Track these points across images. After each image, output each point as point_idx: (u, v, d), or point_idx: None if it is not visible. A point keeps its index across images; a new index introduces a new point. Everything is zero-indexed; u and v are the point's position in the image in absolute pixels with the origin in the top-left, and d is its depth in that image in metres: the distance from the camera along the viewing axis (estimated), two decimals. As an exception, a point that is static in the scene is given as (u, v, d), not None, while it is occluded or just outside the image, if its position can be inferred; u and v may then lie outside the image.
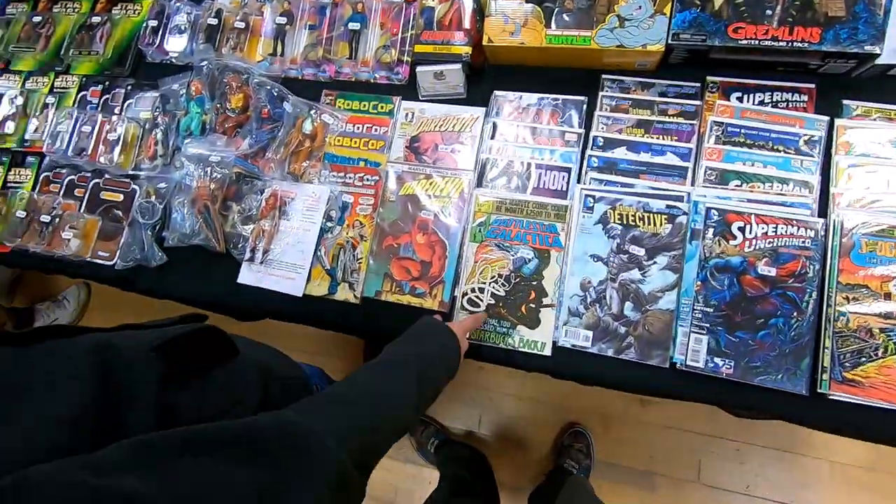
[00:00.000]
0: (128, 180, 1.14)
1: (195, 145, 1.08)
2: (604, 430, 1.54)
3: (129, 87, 1.21)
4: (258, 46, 1.14)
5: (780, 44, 0.85)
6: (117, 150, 1.14)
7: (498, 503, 1.31)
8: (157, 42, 1.19)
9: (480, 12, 1.01)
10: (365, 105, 1.08)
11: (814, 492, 1.42)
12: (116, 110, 1.20)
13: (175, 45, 1.18)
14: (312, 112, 1.07)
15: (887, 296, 0.79)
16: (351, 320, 0.99)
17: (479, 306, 0.93)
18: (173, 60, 1.20)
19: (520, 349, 0.90)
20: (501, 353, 0.92)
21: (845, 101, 0.90)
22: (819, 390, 0.79)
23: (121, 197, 1.14)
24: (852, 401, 0.78)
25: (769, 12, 0.87)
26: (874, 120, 0.89)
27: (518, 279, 0.93)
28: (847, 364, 0.79)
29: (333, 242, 1.02)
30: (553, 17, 0.95)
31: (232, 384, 0.63)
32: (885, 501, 1.38)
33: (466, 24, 1.01)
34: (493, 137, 1.01)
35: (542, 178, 0.97)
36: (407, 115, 1.06)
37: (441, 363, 0.75)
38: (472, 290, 0.94)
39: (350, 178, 1.04)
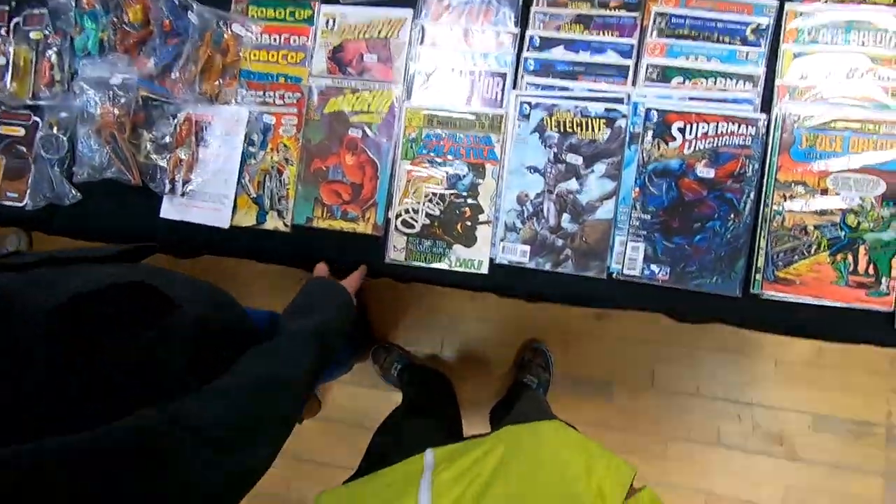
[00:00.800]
0: (27, 112, 1.03)
1: (93, 67, 0.97)
2: (562, 345, 1.58)
3: (14, 3, 1.06)
4: (153, -53, 1.00)
5: (727, -85, 0.76)
6: (8, 77, 1.01)
7: (459, 421, 1.35)
8: (36, -53, 1.03)
9: None
10: (280, 13, 0.97)
11: (760, 388, 1.50)
12: (3, 31, 1.06)
13: (57, -51, 1.03)
14: (221, 23, 0.96)
15: (824, 191, 0.77)
16: (284, 250, 0.95)
17: (413, 227, 0.89)
18: (58, -31, 1.05)
19: (456, 269, 0.88)
20: (437, 273, 0.89)
21: (797, -17, 0.83)
22: (752, 291, 0.79)
23: (21, 131, 1.03)
24: (784, 299, 0.78)
25: None
26: (825, 2, 0.82)
27: (453, 196, 0.88)
28: (780, 263, 0.78)
29: (257, 168, 0.95)
30: None
31: (163, 343, 0.58)
32: (823, 393, 1.47)
33: None
34: (421, 43, 0.92)
35: (475, 85, 0.89)
36: (327, 21, 0.95)
37: (340, 326, 0.74)
38: (406, 211, 0.90)
39: (270, 96, 0.95)
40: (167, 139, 0.96)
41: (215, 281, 0.89)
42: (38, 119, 1.02)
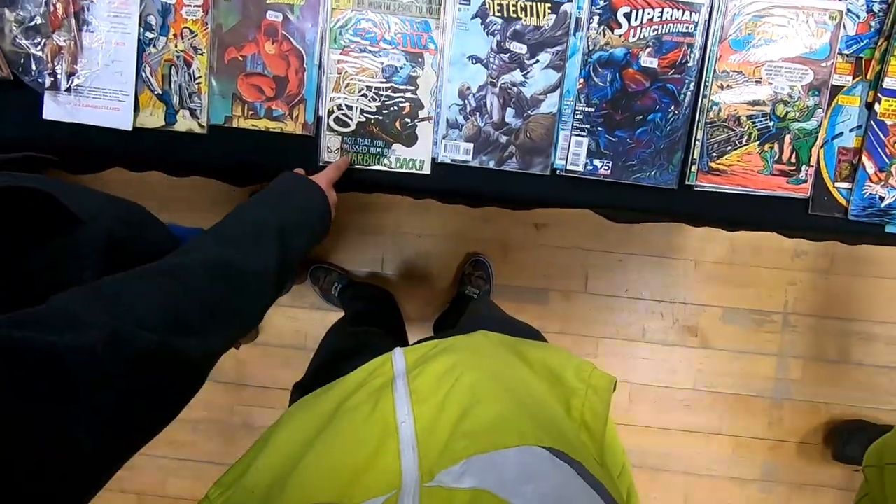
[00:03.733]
0: None
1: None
2: (502, 256, 1.60)
3: None
4: None
5: None
6: None
7: (403, 334, 1.35)
8: None
9: None
10: None
11: (682, 287, 1.62)
12: None
13: None
14: None
15: (758, 81, 0.78)
16: (201, 156, 0.85)
17: (348, 126, 0.82)
18: None
19: (396, 169, 0.83)
20: (376, 175, 0.84)
21: None
22: (687, 182, 0.81)
23: None
24: (715, 189, 0.81)
25: None
26: None
27: (389, 89, 0.81)
28: (714, 154, 0.80)
29: (160, 59, 0.82)
30: None
31: (62, 264, 0.49)
32: (737, 290, 1.62)
33: None
34: None
35: (409, -38, 0.80)
36: None
37: (306, 222, 0.66)
38: (339, 108, 0.82)
39: (165, -32, 0.80)
40: (38, 20, 0.79)
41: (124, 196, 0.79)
42: None
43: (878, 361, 1.62)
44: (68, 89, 0.81)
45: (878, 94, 0.79)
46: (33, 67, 0.81)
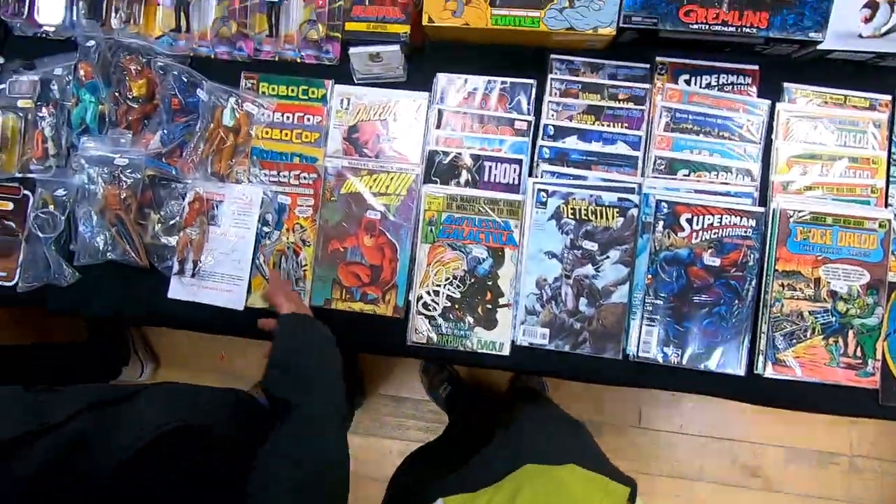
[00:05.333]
0: (17, 185, 0.98)
1: (95, 144, 0.93)
2: (555, 386, 1.62)
3: (-2, 69, 1.00)
4: (156, 18, 0.97)
5: (730, 28, 0.82)
6: (-5, 148, 0.96)
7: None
8: (26, 12, 0.98)
9: (416, -20, 0.90)
10: (293, 90, 0.96)
11: (739, 424, 1.60)
12: (-14, 98, 1.00)
13: (49, 15, 0.98)
14: (233, 100, 0.94)
15: (817, 281, 0.85)
16: (300, 331, 0.94)
17: (434, 310, 0.91)
18: (49, 35, 1.00)
19: (478, 351, 0.90)
20: (460, 355, 0.91)
21: (786, 84, 0.91)
22: (755, 371, 0.85)
23: (10, 205, 0.97)
24: (784, 378, 0.85)
25: (720, -8, 0.83)
26: (812, 102, 0.90)
27: (473, 280, 0.90)
28: (780, 346, 0.85)
29: (273, 249, 0.94)
30: (498, -7, 0.87)
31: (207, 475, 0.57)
32: (794, 427, 1.58)
33: (402, -2, 0.90)
34: (438, 127, 0.94)
35: (492, 171, 0.92)
36: (342, 101, 0.96)
37: (338, 376, 0.74)
38: (427, 294, 0.91)
39: (285, 176, 0.95)
40: (176, 219, 0.93)
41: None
42: (27, 193, 0.97)
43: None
44: (193, 274, 0.93)
45: (935, 293, 0.83)
46: (166, 256, 0.94)
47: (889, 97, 0.89)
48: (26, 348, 1.35)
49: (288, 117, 0.96)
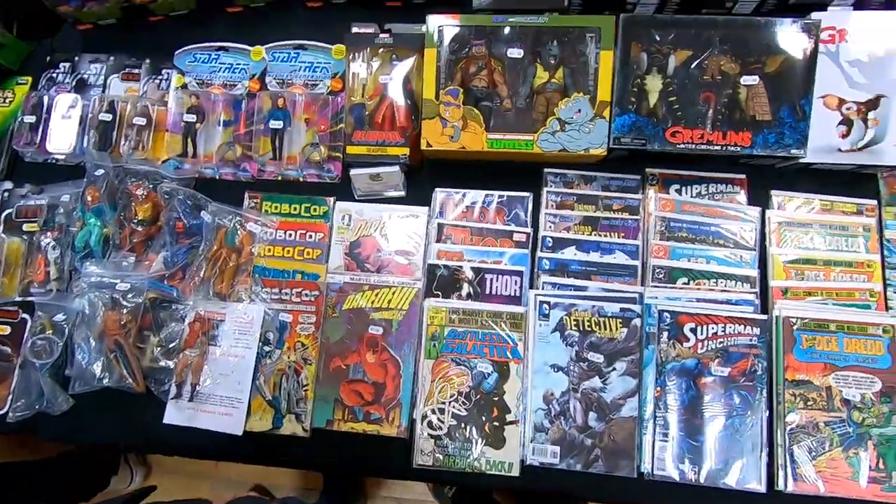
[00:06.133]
0: (15, 308, 0.97)
1: (97, 269, 0.93)
2: None
3: (6, 194, 1.02)
4: (164, 144, 1.01)
5: (715, 148, 0.86)
6: (-3, 273, 0.96)
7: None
8: (38, 141, 1.02)
9: (415, 107, 0.95)
10: (296, 208, 0.99)
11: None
12: (-8, 223, 1.01)
13: (60, 143, 1.02)
14: (236, 221, 0.96)
15: (828, 390, 0.83)
16: (302, 456, 0.90)
17: (440, 429, 0.88)
18: (59, 161, 1.03)
19: (487, 472, 0.86)
20: (469, 477, 0.87)
21: (773, 192, 0.94)
22: (776, 488, 0.82)
23: (7, 330, 0.96)
24: (808, 494, 0.81)
25: (702, 112, 0.88)
26: (801, 209, 0.93)
27: (479, 396, 0.88)
28: (799, 460, 0.82)
29: (273, 369, 0.92)
30: (492, 118, 0.91)
31: None
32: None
33: (402, 122, 0.94)
34: (439, 240, 0.95)
35: (493, 283, 0.93)
36: (343, 217, 0.98)
37: None
38: (432, 412, 0.88)
39: (286, 293, 0.95)
40: (176, 341, 0.92)
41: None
42: (25, 316, 0.96)
43: None
44: (191, 398, 0.90)
45: (949, 399, 0.82)
46: (164, 379, 0.91)
47: (874, 202, 0.92)
48: (14, 465, 1.29)
49: (290, 234, 0.98)
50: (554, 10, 0.93)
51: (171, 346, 0.92)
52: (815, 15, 0.87)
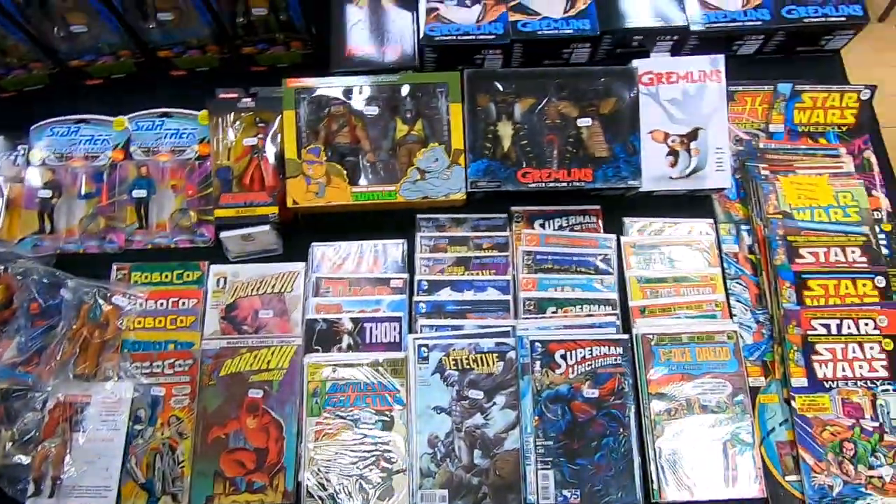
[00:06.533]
0: None
1: (-62, 363, 0.86)
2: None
3: None
4: (19, 222, 0.96)
5: (563, 184, 0.94)
6: None
7: None
8: None
9: (282, 167, 0.97)
10: (167, 276, 0.96)
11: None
12: None
13: None
14: (100, 295, 0.92)
15: (688, 399, 0.89)
16: (180, 539, 0.85)
17: (326, 489, 0.86)
18: None
19: (378, 528, 0.84)
20: (359, 536, 0.85)
21: (625, 219, 1.02)
22: (653, 500, 0.86)
23: None
24: (683, 500, 0.86)
25: (549, 153, 0.96)
26: (649, 234, 1.02)
27: (363, 448, 0.87)
28: (670, 470, 0.86)
29: (146, 448, 0.87)
30: (356, 173, 0.95)
31: None
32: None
33: (270, 182, 0.96)
34: (316, 294, 0.96)
35: (373, 332, 0.94)
36: (218, 281, 0.96)
37: None
38: (318, 472, 0.86)
39: (158, 366, 0.91)
40: (33, 433, 0.85)
41: None
42: None
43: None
44: (51, 494, 0.83)
45: (791, 393, 0.90)
46: (19, 477, 0.84)
47: (711, 220, 1.03)
48: None
49: (162, 304, 0.95)
50: (406, 69, 1.00)
51: (27, 438, 0.85)
52: (635, 62, 0.99)
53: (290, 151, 0.93)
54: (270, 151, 0.97)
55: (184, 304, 0.95)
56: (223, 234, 0.94)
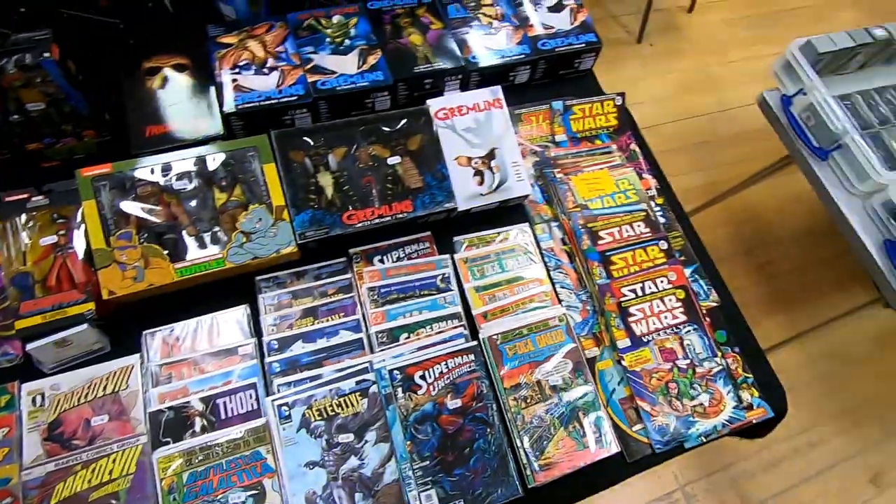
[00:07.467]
0: None
1: None
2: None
3: None
4: None
5: (387, 219, 1.01)
6: None
7: None
8: None
9: (90, 256, 0.91)
10: (-35, 410, 0.84)
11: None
12: None
13: None
14: None
15: (538, 383, 0.99)
16: None
17: (203, 589, 0.79)
18: None
19: None
20: None
21: (455, 238, 1.12)
22: (529, 486, 0.92)
23: None
24: (554, 479, 0.93)
25: (369, 193, 1.03)
26: (478, 248, 1.12)
27: (239, 531, 0.83)
28: (537, 453, 0.94)
29: None
30: (179, 248, 0.93)
31: None
32: (631, 489, 1.71)
33: (80, 278, 0.89)
34: (156, 385, 0.90)
35: (227, 406, 0.90)
36: (34, 399, 0.86)
37: None
38: (190, 574, 0.79)
39: (-33, 517, 0.78)
40: None
41: None
42: None
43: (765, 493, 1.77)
44: None
45: (620, 354, 1.04)
46: None
47: (526, 223, 1.17)
48: None
49: (-38, 443, 0.82)
50: (214, 139, 1.01)
51: None
52: (428, 101, 1.11)
53: (97, 241, 0.88)
54: (78, 246, 0.91)
55: (-7, 436, 0.83)
56: (30, 346, 0.85)
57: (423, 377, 0.96)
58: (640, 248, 1.15)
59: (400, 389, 0.94)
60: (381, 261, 1.07)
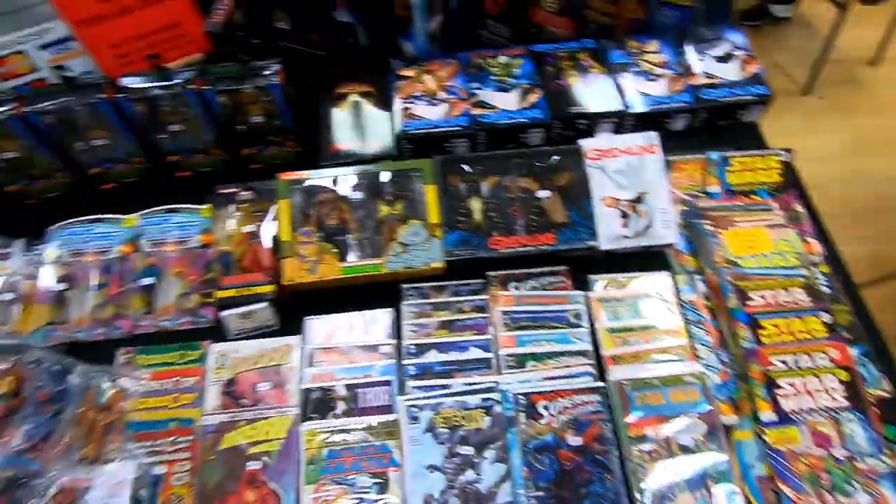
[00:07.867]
0: None
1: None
2: None
3: None
4: (33, 315, 1.04)
5: (529, 248, 1.05)
6: None
7: None
8: None
9: (277, 248, 1.07)
10: (171, 357, 1.03)
11: None
12: None
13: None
14: (105, 379, 0.98)
15: (666, 440, 0.95)
16: None
17: (326, 558, 0.87)
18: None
19: None
20: None
21: (590, 276, 1.13)
22: (645, 545, 0.88)
23: None
24: (673, 544, 0.88)
25: (515, 222, 1.08)
26: (615, 289, 1.12)
27: (362, 513, 0.90)
28: (657, 511, 0.90)
29: (146, 529, 0.89)
30: (344, 249, 1.06)
31: None
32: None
33: (266, 264, 1.06)
34: (310, 365, 1.02)
35: (366, 396, 0.99)
36: (218, 358, 1.03)
37: None
38: (317, 541, 0.88)
39: (160, 444, 0.95)
40: (34, 522, 0.87)
41: None
42: None
43: None
44: (49, 584, 0.83)
45: (762, 427, 0.96)
46: (17, 569, 0.84)
47: (668, 272, 1.14)
48: None
49: (164, 384, 1.00)
50: (386, 158, 1.14)
51: (27, 530, 0.86)
52: (580, 142, 1.15)
53: (285, 234, 1.04)
54: (266, 236, 1.08)
55: (185, 382, 1.00)
56: (223, 313, 1.02)
57: (546, 407, 0.97)
58: (795, 316, 1.06)
59: (523, 415, 0.96)
60: (516, 287, 1.12)
